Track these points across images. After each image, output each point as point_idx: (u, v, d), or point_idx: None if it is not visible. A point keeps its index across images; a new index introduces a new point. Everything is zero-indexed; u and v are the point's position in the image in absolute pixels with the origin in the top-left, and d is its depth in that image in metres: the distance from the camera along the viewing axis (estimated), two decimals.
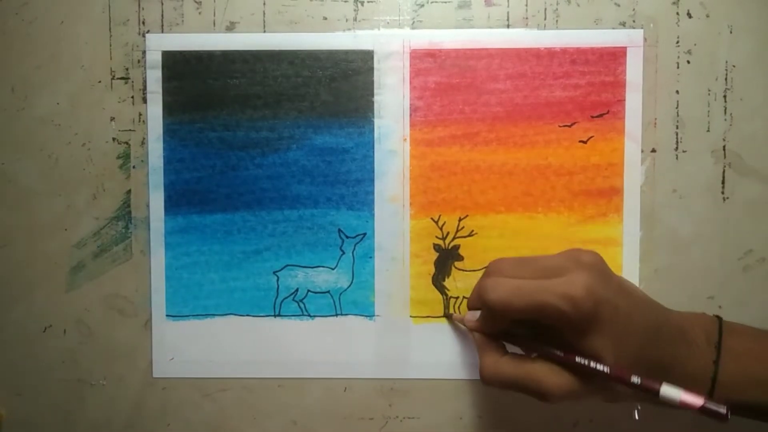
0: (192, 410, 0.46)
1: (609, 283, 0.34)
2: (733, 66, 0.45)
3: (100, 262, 0.46)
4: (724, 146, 0.45)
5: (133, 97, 0.45)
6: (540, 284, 0.34)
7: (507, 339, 0.39)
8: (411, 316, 0.46)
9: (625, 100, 0.45)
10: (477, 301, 0.39)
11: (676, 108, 0.45)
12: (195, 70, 0.45)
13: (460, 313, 0.45)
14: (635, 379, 0.33)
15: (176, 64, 0.45)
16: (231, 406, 0.46)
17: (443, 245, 0.45)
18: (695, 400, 0.32)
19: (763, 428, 0.45)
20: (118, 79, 0.45)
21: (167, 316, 0.46)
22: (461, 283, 0.45)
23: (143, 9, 0.45)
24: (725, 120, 0.45)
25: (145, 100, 0.45)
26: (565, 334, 0.34)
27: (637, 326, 0.34)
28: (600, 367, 0.33)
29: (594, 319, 0.33)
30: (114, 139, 0.46)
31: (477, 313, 0.39)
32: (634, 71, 0.45)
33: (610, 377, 0.33)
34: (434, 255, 0.45)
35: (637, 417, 0.45)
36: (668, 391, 0.33)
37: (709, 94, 0.45)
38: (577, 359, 0.34)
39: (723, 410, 0.32)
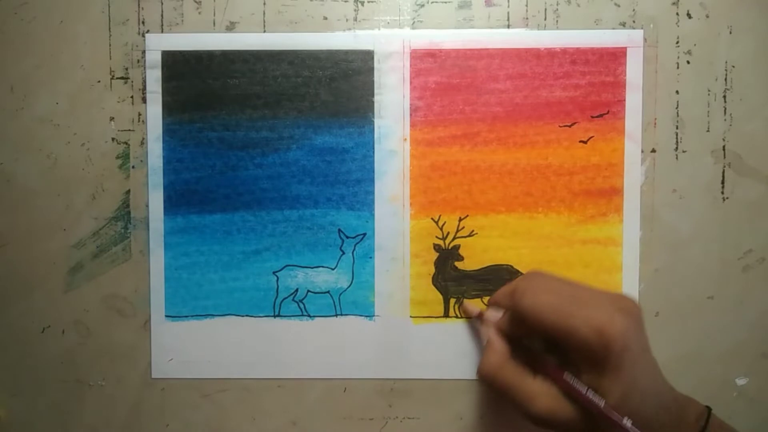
0: (191, 411, 0.46)
1: (640, 336, 0.35)
2: (733, 66, 0.45)
3: (99, 263, 0.46)
4: (723, 146, 0.45)
5: (132, 97, 0.45)
6: (578, 310, 0.34)
7: (517, 347, 0.39)
8: (411, 316, 0.45)
9: (625, 100, 0.45)
10: (508, 300, 0.40)
11: (676, 108, 0.45)
12: (195, 70, 0.45)
13: (460, 312, 0.45)
14: (627, 422, 0.33)
15: (176, 64, 0.45)
16: (230, 406, 0.46)
17: (443, 245, 0.45)
18: None
19: (764, 428, 0.45)
20: (117, 79, 0.45)
21: (166, 316, 0.46)
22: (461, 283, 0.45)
23: (143, 9, 0.45)
24: (725, 120, 0.45)
25: (144, 100, 0.45)
26: (580, 365, 0.35)
27: (645, 385, 0.34)
28: (597, 400, 0.34)
29: (614, 363, 0.33)
30: (113, 139, 0.45)
31: (500, 312, 0.40)
32: (634, 71, 0.45)
33: (603, 413, 0.33)
34: (434, 255, 0.45)
35: None
36: None
37: (708, 94, 0.45)
38: (574, 384, 0.35)
39: None
